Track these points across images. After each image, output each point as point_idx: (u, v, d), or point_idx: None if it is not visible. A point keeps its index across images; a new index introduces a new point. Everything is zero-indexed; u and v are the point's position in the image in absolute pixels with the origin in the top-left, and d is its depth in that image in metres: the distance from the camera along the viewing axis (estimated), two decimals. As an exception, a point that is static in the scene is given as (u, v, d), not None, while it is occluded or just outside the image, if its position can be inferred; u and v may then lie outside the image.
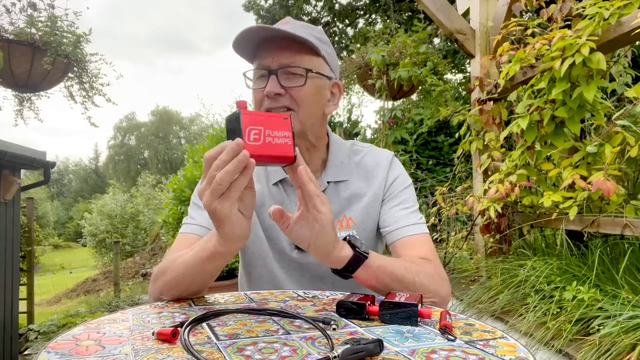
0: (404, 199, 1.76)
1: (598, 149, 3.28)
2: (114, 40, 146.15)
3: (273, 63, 1.59)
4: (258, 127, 1.14)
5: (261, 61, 1.62)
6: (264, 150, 1.14)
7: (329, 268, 1.37)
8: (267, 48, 1.61)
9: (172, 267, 1.43)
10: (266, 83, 1.59)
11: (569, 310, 3.00)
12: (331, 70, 1.71)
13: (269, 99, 1.58)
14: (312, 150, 1.75)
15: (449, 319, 1.16)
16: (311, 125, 1.67)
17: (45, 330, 8.28)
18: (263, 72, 1.61)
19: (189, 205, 1.78)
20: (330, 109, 1.74)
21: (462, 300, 4.10)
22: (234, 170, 1.09)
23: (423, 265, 1.53)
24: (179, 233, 1.70)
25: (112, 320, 1.20)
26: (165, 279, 1.44)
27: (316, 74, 1.63)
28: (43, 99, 6.56)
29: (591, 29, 3.26)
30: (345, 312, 1.23)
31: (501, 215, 4.20)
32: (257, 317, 1.22)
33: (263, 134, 1.14)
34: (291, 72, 1.59)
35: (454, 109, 6.03)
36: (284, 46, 1.59)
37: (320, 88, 1.67)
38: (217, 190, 1.12)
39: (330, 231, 1.28)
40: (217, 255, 1.31)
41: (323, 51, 1.65)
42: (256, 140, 1.13)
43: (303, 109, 1.61)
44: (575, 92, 3.33)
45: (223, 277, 5.81)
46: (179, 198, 6.31)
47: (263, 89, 1.59)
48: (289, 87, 1.59)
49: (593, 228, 3.35)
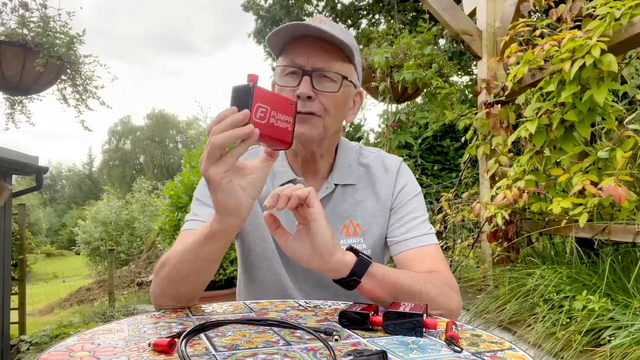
0: (413, 208, 1.74)
1: (609, 154, 3.28)
2: (108, 40, 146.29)
3: (308, 63, 1.57)
4: (266, 106, 1.16)
5: (295, 58, 1.59)
6: (266, 130, 1.17)
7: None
8: (302, 45, 1.58)
9: (172, 255, 1.44)
10: (298, 82, 1.57)
11: (579, 321, 2.99)
12: (358, 78, 1.71)
13: (299, 100, 1.55)
14: (326, 157, 1.74)
15: (455, 329, 1.15)
16: (332, 132, 1.67)
17: (37, 341, 8.27)
18: (295, 69, 1.59)
19: (192, 202, 1.77)
20: (350, 118, 1.74)
21: (469, 310, 4.10)
22: (234, 137, 1.12)
23: (432, 275, 1.51)
24: (182, 230, 1.69)
25: (107, 330, 1.20)
26: (165, 270, 1.45)
27: (349, 82, 1.63)
28: (35, 102, 6.58)
29: (602, 29, 3.26)
30: (347, 323, 1.23)
31: (509, 222, 4.19)
32: (257, 328, 1.22)
33: (269, 113, 1.17)
34: (325, 76, 1.58)
35: (460, 112, 6.05)
36: (321, 47, 1.57)
37: (348, 96, 1.67)
38: (212, 154, 1.14)
39: (326, 225, 1.28)
40: (212, 234, 1.30)
41: (355, 59, 1.65)
42: (262, 118, 1.16)
43: (330, 115, 1.60)
44: (585, 95, 3.33)
45: (221, 287, 5.82)
46: (176, 204, 6.31)
47: (293, 89, 1.57)
48: (321, 91, 1.57)
49: (604, 236, 3.34)
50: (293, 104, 1.23)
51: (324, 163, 1.75)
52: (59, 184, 74.92)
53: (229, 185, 1.18)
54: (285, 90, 1.59)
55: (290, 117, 1.22)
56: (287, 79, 1.60)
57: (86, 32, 6.28)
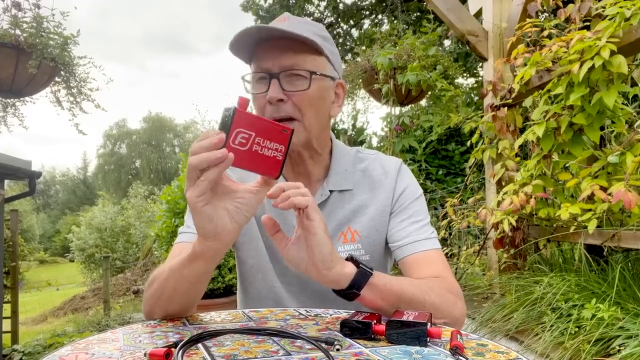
0: (415, 212, 1.73)
1: (619, 158, 3.28)
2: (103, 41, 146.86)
3: (274, 66, 1.56)
4: (249, 131, 1.14)
5: (260, 63, 1.58)
6: (246, 158, 1.15)
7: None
8: (266, 49, 1.57)
9: (160, 272, 1.43)
10: (267, 87, 1.56)
11: (588, 330, 2.99)
12: (334, 69, 1.69)
13: (272, 105, 1.55)
14: (316, 157, 1.72)
15: (460, 339, 1.15)
16: (317, 131, 1.65)
17: (30, 350, 8.25)
18: (263, 75, 1.58)
19: (185, 214, 1.76)
20: (335, 111, 1.72)
21: (475, 319, 4.09)
22: (206, 160, 1.11)
23: (434, 282, 1.50)
24: (175, 243, 1.68)
25: (102, 340, 1.20)
26: (153, 288, 1.44)
27: (320, 76, 1.61)
28: (28, 105, 6.56)
29: (612, 30, 3.26)
30: (349, 332, 1.23)
31: (516, 228, 4.19)
32: (256, 337, 1.22)
33: (252, 140, 1.15)
34: (294, 74, 1.57)
35: (465, 115, 6.04)
36: (284, 46, 1.56)
37: (325, 90, 1.64)
38: (190, 175, 1.14)
39: (326, 240, 1.27)
40: (195, 256, 1.30)
41: (326, 49, 1.63)
42: (242, 145, 1.14)
43: (308, 115, 1.59)
44: (594, 98, 3.33)
45: (219, 295, 5.81)
46: (173, 210, 6.30)
47: (264, 94, 1.56)
48: (291, 91, 1.56)
49: (613, 242, 3.34)
50: (287, 131, 1.20)
51: (315, 165, 1.74)
52: (53, 189, 74.95)
53: (204, 209, 1.17)
54: (258, 98, 1.60)
55: (282, 145, 1.19)
56: (258, 86, 1.60)
57: (81, 32, 6.25)
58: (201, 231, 1.22)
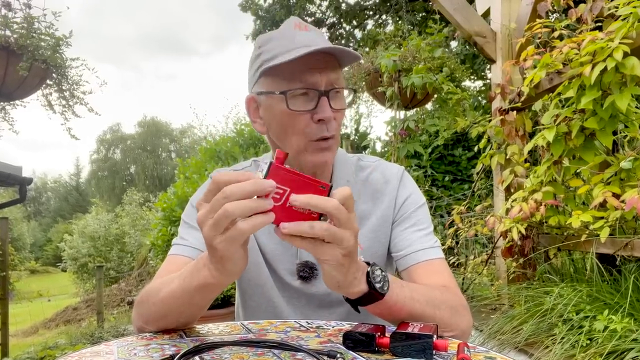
0: (418, 220, 1.73)
1: (632, 164, 3.28)
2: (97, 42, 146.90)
3: (321, 82, 1.50)
4: (283, 187, 1.07)
5: (306, 78, 1.50)
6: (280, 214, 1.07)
7: (335, 298, 1.35)
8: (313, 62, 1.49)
9: (158, 297, 1.39)
10: (315, 105, 1.50)
11: (600, 342, 2.98)
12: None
13: (318, 124, 1.51)
14: (321, 169, 1.68)
15: (468, 352, 1.15)
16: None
17: (20, 364, 8.26)
18: (309, 91, 1.50)
19: (180, 225, 1.76)
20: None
21: (482, 331, 4.09)
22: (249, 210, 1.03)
23: (445, 295, 1.49)
24: (169, 255, 1.67)
25: (95, 353, 1.20)
26: (150, 309, 1.42)
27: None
28: (19, 109, 6.58)
29: (625, 31, 3.26)
30: (352, 344, 1.23)
31: (525, 237, 4.19)
32: (255, 350, 1.22)
33: (287, 196, 1.07)
34: (337, 92, 1.54)
35: (472, 119, 6.04)
36: (328, 61, 1.52)
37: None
38: (221, 223, 1.05)
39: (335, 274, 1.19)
40: (207, 287, 1.25)
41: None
42: (275, 200, 1.07)
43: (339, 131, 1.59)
44: (607, 101, 3.33)
45: (217, 306, 5.81)
46: (169, 218, 6.31)
47: (310, 112, 1.51)
48: (338, 109, 1.54)
49: (627, 251, 3.34)
50: (326, 187, 1.10)
51: (319, 177, 1.70)
52: (44, 196, 75.04)
53: (236, 254, 1.12)
54: (302, 116, 1.52)
55: None
56: (301, 102, 1.51)
57: (73, 33, 6.25)
58: (224, 272, 1.17)
